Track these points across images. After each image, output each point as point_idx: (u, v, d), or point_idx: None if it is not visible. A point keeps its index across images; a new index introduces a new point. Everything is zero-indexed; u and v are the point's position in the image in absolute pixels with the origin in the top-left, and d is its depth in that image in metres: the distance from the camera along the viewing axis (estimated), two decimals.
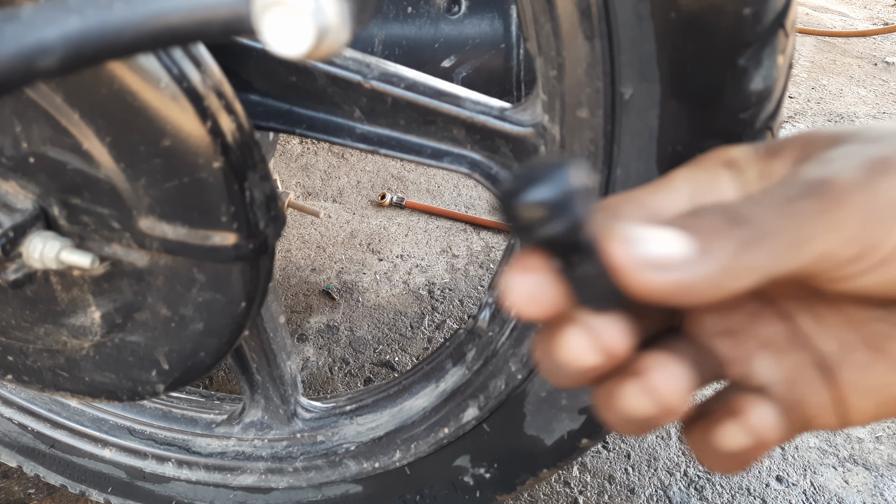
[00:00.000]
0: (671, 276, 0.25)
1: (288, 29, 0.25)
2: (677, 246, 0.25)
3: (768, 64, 0.37)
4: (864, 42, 2.58)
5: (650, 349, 0.30)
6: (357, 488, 0.73)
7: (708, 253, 0.25)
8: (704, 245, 0.25)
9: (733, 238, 0.25)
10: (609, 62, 0.40)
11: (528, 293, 0.27)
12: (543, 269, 0.27)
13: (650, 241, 0.25)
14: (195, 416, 0.76)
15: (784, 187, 0.27)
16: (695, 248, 0.25)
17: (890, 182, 0.26)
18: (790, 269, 0.26)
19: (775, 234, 0.26)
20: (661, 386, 0.28)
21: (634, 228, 0.26)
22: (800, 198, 0.26)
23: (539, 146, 0.48)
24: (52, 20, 0.26)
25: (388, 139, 0.51)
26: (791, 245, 0.26)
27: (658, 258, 0.25)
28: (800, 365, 0.31)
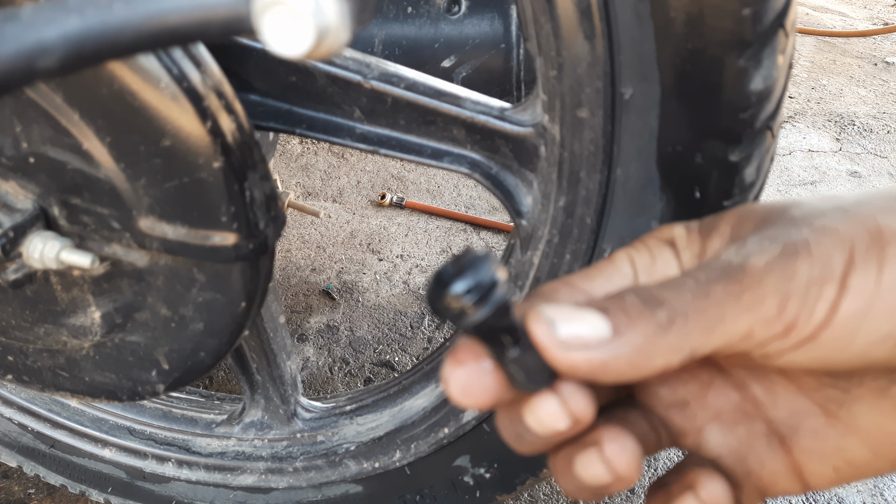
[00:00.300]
0: (589, 355, 0.26)
1: (288, 29, 0.25)
2: (594, 327, 0.27)
3: (768, 64, 0.37)
4: (864, 42, 2.58)
5: (605, 419, 0.31)
6: (357, 488, 0.73)
7: (622, 333, 0.26)
8: (620, 326, 0.27)
9: (648, 320, 0.27)
10: (609, 62, 0.40)
11: (463, 385, 0.28)
12: (477, 358, 0.28)
13: (569, 322, 0.27)
14: (195, 416, 0.76)
15: (702, 271, 0.28)
16: (609, 329, 0.27)
17: (802, 264, 0.27)
18: (708, 349, 0.27)
19: (689, 316, 0.27)
20: (616, 457, 0.29)
21: (555, 310, 0.27)
22: (714, 281, 0.27)
23: (539, 146, 0.48)
24: (52, 20, 0.26)
25: (389, 139, 0.51)
26: (705, 326, 0.27)
27: (576, 338, 0.27)
28: (752, 435, 0.32)
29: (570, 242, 0.50)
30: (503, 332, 0.27)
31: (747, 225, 0.30)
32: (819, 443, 0.30)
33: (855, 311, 0.27)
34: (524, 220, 0.53)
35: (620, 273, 0.32)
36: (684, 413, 0.32)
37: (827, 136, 1.97)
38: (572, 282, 0.31)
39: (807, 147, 1.91)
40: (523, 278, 0.55)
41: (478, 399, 0.28)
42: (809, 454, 0.31)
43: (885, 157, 1.88)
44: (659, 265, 0.32)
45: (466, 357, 0.28)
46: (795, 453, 0.31)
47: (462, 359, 0.28)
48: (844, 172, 1.80)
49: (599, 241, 0.48)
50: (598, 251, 0.49)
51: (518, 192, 0.52)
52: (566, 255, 0.50)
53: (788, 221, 0.29)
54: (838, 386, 0.30)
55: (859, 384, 0.30)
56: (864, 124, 2.03)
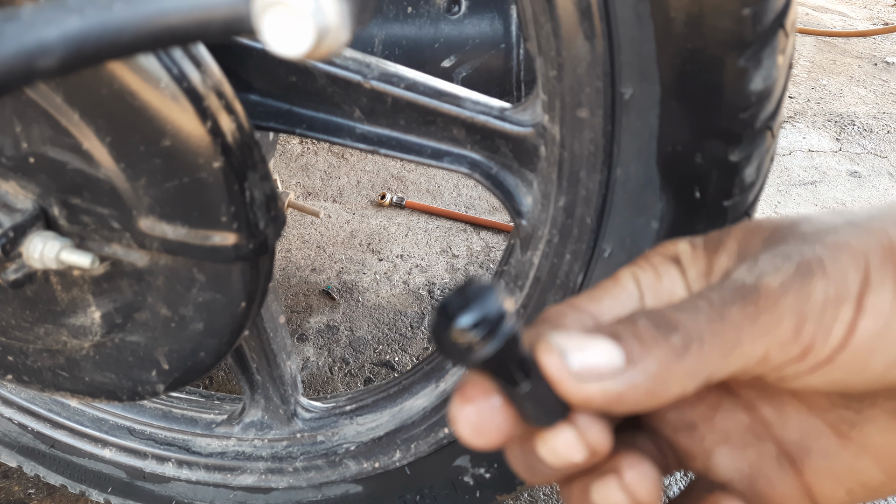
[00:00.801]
0: (604, 386, 0.25)
1: (288, 29, 0.25)
2: (607, 355, 0.26)
3: (768, 64, 0.37)
4: (864, 42, 2.58)
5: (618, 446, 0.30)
6: (357, 488, 0.73)
7: (637, 361, 0.25)
8: (633, 353, 0.25)
9: (662, 346, 0.25)
10: (609, 62, 0.40)
11: (474, 424, 0.27)
12: (487, 394, 0.27)
13: (581, 352, 0.26)
14: (195, 416, 0.76)
15: (714, 292, 0.27)
16: (622, 357, 0.25)
17: (817, 284, 0.26)
18: (725, 374, 0.26)
19: (705, 340, 0.26)
20: (637, 484, 0.28)
21: (565, 339, 0.26)
22: (729, 303, 0.26)
23: (539, 146, 0.48)
24: (52, 20, 0.26)
25: (389, 139, 0.51)
26: (721, 351, 0.26)
27: (589, 368, 0.25)
28: (762, 457, 0.31)
29: (570, 242, 0.50)
30: (512, 366, 0.25)
31: (755, 241, 0.29)
32: (831, 464, 0.30)
33: (872, 332, 0.26)
34: (524, 220, 0.53)
35: (626, 293, 0.31)
36: (692, 436, 0.32)
37: (827, 136, 1.97)
38: (578, 305, 0.30)
39: (807, 147, 1.91)
40: (523, 278, 0.55)
41: (490, 438, 0.27)
42: (821, 476, 0.30)
43: (885, 157, 1.88)
44: (665, 283, 0.31)
45: (475, 394, 0.27)
46: (807, 475, 0.30)
47: (470, 396, 0.27)
48: (844, 172, 1.80)
49: (599, 241, 0.48)
50: (598, 251, 0.49)
51: (518, 192, 0.52)
52: (566, 254, 0.50)
53: (799, 238, 0.28)
54: (851, 406, 0.29)
55: (872, 404, 0.29)
56: (864, 124, 2.03)
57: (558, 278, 0.52)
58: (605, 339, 0.26)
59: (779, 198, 1.67)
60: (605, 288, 0.31)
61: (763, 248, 0.28)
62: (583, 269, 0.50)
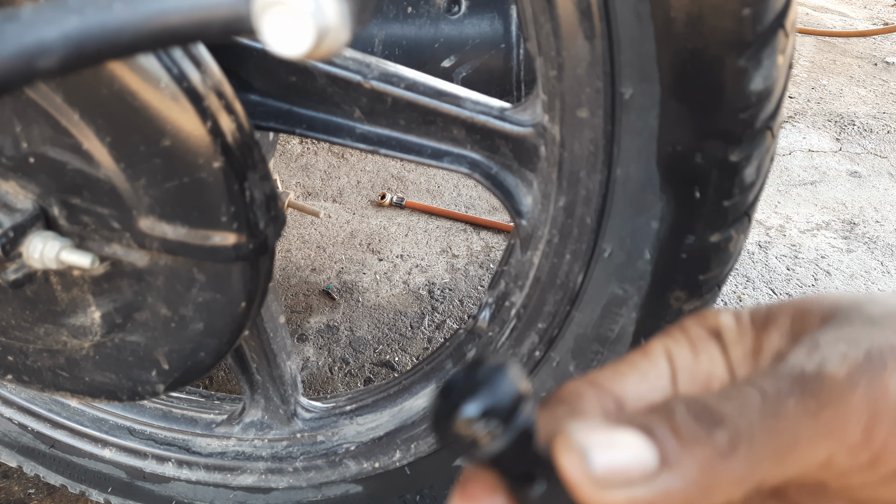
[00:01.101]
0: (631, 494, 0.21)
1: (288, 29, 0.25)
2: (638, 455, 0.22)
3: (768, 64, 0.37)
4: (864, 42, 2.58)
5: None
6: (357, 488, 0.72)
7: (673, 464, 0.21)
8: (669, 453, 0.21)
9: (705, 445, 0.22)
10: (609, 62, 0.40)
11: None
12: (491, 494, 0.23)
13: (606, 450, 0.22)
14: (195, 416, 0.76)
15: (768, 380, 0.23)
16: (655, 457, 0.22)
17: (892, 377, 0.22)
18: (777, 480, 0.23)
19: (756, 439, 0.22)
20: None
21: (588, 434, 0.22)
22: (785, 394, 0.23)
23: (539, 146, 0.48)
24: (52, 20, 0.26)
25: (388, 139, 0.51)
26: (775, 453, 0.22)
27: (616, 472, 0.21)
28: None
29: (570, 242, 0.50)
30: (524, 464, 0.22)
31: (812, 319, 0.26)
32: None
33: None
34: (524, 220, 0.53)
35: (656, 370, 0.27)
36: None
37: (827, 136, 1.97)
38: (599, 381, 0.26)
39: (807, 147, 1.91)
40: (523, 278, 0.55)
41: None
42: None
43: (885, 157, 1.88)
44: (703, 362, 0.27)
45: (478, 492, 0.23)
46: None
47: (472, 494, 0.23)
48: (844, 172, 1.80)
49: (599, 241, 0.48)
50: (598, 251, 0.49)
51: (518, 192, 0.52)
52: (566, 254, 0.50)
53: (867, 320, 0.24)
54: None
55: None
56: (864, 124, 2.03)
57: (558, 278, 0.52)
58: (636, 434, 0.22)
59: (779, 198, 1.67)
60: (632, 362, 0.27)
61: (822, 329, 0.25)
62: (583, 268, 0.50)
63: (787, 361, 0.24)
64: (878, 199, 1.69)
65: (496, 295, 0.59)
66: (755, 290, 1.37)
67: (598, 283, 0.50)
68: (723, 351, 0.27)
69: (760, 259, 1.45)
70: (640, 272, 0.48)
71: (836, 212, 1.63)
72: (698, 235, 0.44)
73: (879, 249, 1.51)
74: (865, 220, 1.61)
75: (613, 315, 0.51)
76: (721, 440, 0.21)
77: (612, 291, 0.50)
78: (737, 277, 1.39)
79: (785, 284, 1.39)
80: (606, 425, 0.22)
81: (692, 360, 0.27)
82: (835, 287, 1.39)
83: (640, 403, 0.26)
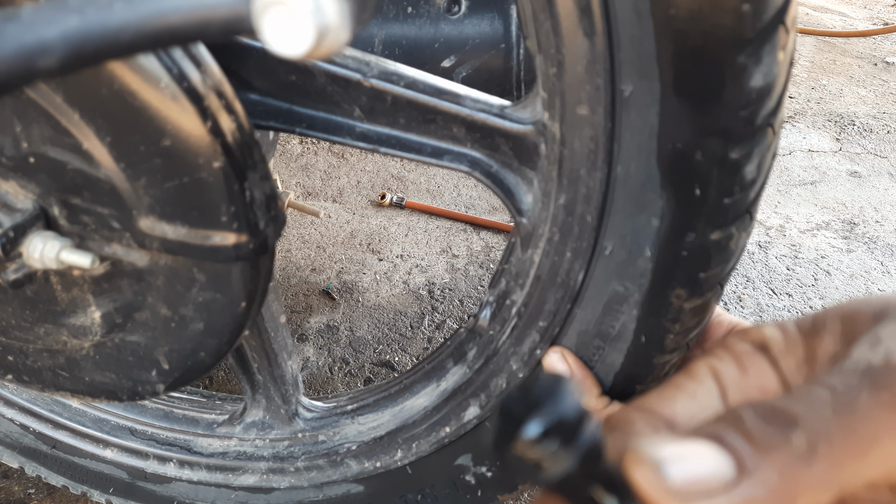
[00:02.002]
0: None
1: (288, 29, 0.25)
2: (713, 464, 0.20)
3: (768, 61, 0.37)
4: (864, 42, 2.58)
5: None
6: (358, 488, 0.72)
7: (752, 471, 0.20)
8: (746, 460, 0.20)
9: (782, 449, 0.20)
10: (609, 59, 0.39)
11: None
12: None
13: (680, 462, 0.20)
14: (196, 416, 0.76)
15: (835, 377, 0.22)
16: (731, 466, 0.20)
17: None
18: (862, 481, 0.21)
19: (834, 438, 0.20)
20: None
21: (660, 447, 0.20)
22: (857, 389, 0.21)
23: (539, 144, 0.48)
24: (52, 20, 0.26)
25: (388, 137, 0.51)
26: (857, 450, 0.20)
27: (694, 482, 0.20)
28: None
29: (570, 240, 0.50)
30: (594, 484, 0.20)
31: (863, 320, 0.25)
32: None
33: None
34: (524, 219, 0.53)
35: (704, 388, 0.26)
36: None
37: (827, 136, 1.97)
38: (647, 407, 0.25)
39: (807, 147, 1.91)
40: (524, 277, 0.55)
41: None
42: None
43: (885, 157, 1.88)
44: (752, 378, 0.26)
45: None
46: None
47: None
48: (844, 172, 1.80)
49: (600, 239, 0.48)
50: (599, 249, 0.49)
51: (518, 190, 0.52)
52: (567, 252, 0.50)
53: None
54: None
55: None
56: (864, 124, 2.03)
57: (559, 276, 0.52)
58: (707, 444, 0.20)
59: (779, 198, 1.67)
60: (678, 385, 0.26)
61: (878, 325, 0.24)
62: (583, 266, 0.50)
63: (851, 357, 0.23)
64: (878, 199, 1.69)
65: (497, 293, 0.59)
66: (755, 290, 1.37)
67: (599, 281, 0.50)
68: (772, 363, 0.26)
69: (760, 259, 1.45)
70: (640, 270, 0.48)
71: (836, 212, 1.63)
72: (699, 233, 0.44)
73: (879, 249, 1.51)
74: (865, 220, 1.61)
75: (614, 312, 0.51)
76: (799, 442, 0.20)
77: (612, 289, 0.50)
78: (737, 277, 1.39)
79: (785, 284, 1.39)
80: (675, 438, 0.21)
81: (740, 376, 0.26)
82: (835, 287, 1.39)
83: (691, 423, 0.25)
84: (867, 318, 0.25)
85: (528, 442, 0.19)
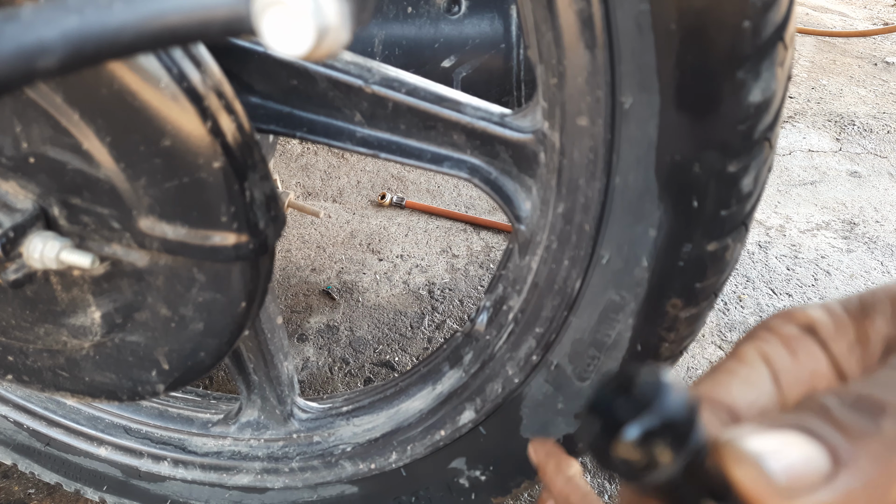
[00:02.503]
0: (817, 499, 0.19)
1: (288, 29, 0.25)
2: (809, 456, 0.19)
3: (767, 76, 0.37)
4: (864, 42, 2.58)
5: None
6: (353, 489, 0.73)
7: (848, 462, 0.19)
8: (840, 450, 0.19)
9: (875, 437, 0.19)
10: (610, 72, 0.40)
11: None
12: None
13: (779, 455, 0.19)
14: (191, 415, 0.77)
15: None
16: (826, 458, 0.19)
17: None
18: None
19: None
20: None
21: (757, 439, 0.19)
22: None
23: (539, 152, 0.48)
24: (52, 20, 0.26)
25: (389, 143, 0.51)
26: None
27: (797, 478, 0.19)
28: None
29: (568, 249, 0.50)
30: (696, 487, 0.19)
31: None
32: None
33: None
34: (523, 226, 0.53)
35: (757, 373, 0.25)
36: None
37: (827, 136, 1.97)
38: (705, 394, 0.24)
39: (807, 147, 1.91)
40: (521, 283, 0.55)
41: None
42: None
43: (885, 157, 1.88)
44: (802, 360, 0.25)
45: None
46: None
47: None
48: (844, 172, 1.80)
49: (597, 248, 0.48)
50: (596, 257, 0.49)
51: (517, 198, 0.52)
52: (564, 260, 0.51)
53: None
54: None
55: None
56: (864, 124, 2.03)
57: (556, 284, 0.52)
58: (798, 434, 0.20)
59: (779, 198, 1.67)
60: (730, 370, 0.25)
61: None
62: (581, 275, 0.50)
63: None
64: (878, 199, 1.69)
65: (494, 299, 0.59)
66: (755, 290, 1.37)
67: (596, 290, 0.50)
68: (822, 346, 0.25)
69: (760, 259, 1.45)
70: (637, 279, 0.48)
71: (836, 212, 1.63)
72: (695, 244, 0.44)
73: (879, 249, 1.51)
74: (865, 220, 1.61)
75: (610, 321, 0.51)
76: (891, 429, 0.19)
77: (609, 298, 0.50)
78: (737, 277, 1.40)
79: (785, 284, 1.39)
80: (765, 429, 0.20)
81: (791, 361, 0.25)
82: (835, 287, 1.39)
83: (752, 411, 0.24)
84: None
85: (631, 443, 0.17)
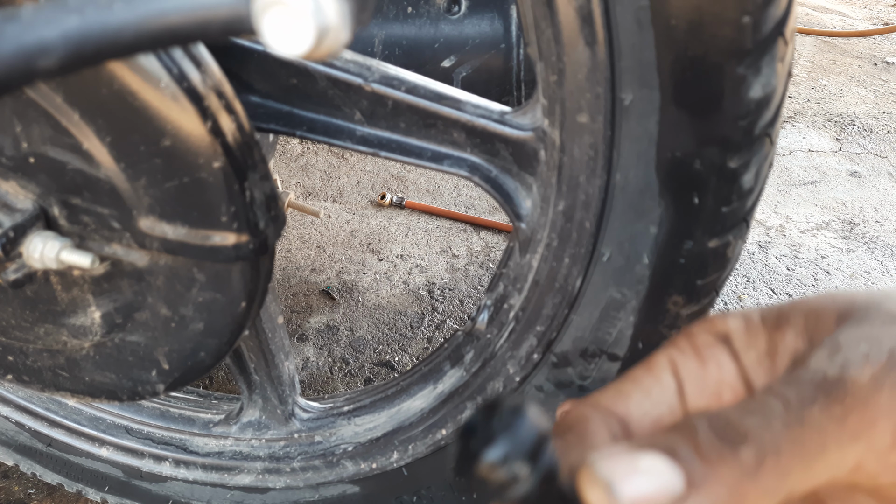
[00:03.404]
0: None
1: (288, 29, 0.25)
2: (663, 479, 0.21)
3: (767, 72, 0.37)
4: (864, 42, 2.58)
5: None
6: (354, 489, 0.73)
7: (700, 485, 0.21)
8: (695, 474, 0.21)
9: (731, 463, 0.21)
10: (610, 68, 0.40)
11: None
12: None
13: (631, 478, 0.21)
14: (193, 415, 0.77)
15: (790, 388, 0.23)
16: (681, 480, 0.21)
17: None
18: (807, 488, 0.22)
19: (782, 450, 0.21)
20: None
21: (611, 464, 0.21)
22: (808, 401, 0.22)
23: (539, 150, 0.48)
24: (52, 20, 0.26)
25: (389, 142, 0.51)
26: (803, 462, 0.21)
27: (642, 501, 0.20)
28: None
29: (569, 246, 0.50)
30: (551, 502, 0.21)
31: (826, 317, 0.25)
32: None
33: None
34: (523, 224, 0.53)
35: (661, 385, 0.26)
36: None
37: (827, 136, 1.97)
38: (602, 404, 0.26)
39: (807, 147, 1.91)
40: (522, 281, 0.55)
41: None
42: None
43: (885, 157, 1.88)
44: (711, 371, 0.26)
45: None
46: None
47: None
48: (844, 172, 1.80)
49: (598, 245, 0.48)
50: (597, 255, 0.49)
51: (517, 196, 0.52)
52: (565, 258, 0.51)
53: (886, 318, 0.24)
54: None
55: None
56: (864, 124, 2.03)
57: (557, 281, 0.52)
58: (660, 457, 0.21)
59: (779, 198, 1.67)
60: (635, 379, 0.26)
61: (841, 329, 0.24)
62: (581, 272, 0.50)
63: (808, 366, 0.23)
64: (878, 199, 1.69)
65: (495, 297, 0.59)
66: (755, 290, 1.37)
67: (597, 287, 0.50)
68: (733, 356, 0.26)
69: (760, 259, 1.45)
70: (638, 276, 0.48)
71: (836, 212, 1.63)
72: (696, 241, 0.44)
73: (879, 249, 1.51)
74: (865, 220, 1.61)
75: (611, 319, 0.51)
76: (747, 457, 0.21)
77: (610, 295, 0.50)
78: (737, 277, 1.40)
79: (785, 284, 1.39)
80: (628, 452, 0.22)
81: (699, 370, 0.26)
82: (835, 287, 1.39)
83: (645, 421, 0.25)
84: (831, 317, 0.25)
85: (489, 465, 0.20)
